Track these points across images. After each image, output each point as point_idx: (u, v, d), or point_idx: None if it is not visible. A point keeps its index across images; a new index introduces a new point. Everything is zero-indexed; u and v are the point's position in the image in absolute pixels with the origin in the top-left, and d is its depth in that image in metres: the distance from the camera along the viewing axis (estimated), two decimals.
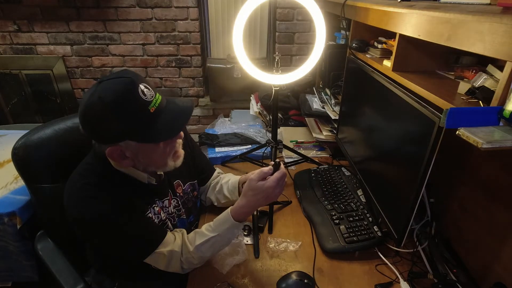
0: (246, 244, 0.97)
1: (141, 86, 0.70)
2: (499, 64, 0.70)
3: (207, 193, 1.12)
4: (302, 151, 1.43)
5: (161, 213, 0.90)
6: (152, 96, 0.71)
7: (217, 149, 1.46)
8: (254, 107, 1.86)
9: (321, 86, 1.76)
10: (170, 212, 0.94)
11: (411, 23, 0.77)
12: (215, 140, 1.50)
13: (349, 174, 1.26)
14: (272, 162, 0.85)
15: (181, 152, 0.86)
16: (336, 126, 1.45)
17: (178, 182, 0.98)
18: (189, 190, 1.03)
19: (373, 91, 1.02)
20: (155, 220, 0.88)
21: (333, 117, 1.47)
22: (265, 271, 0.90)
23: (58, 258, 1.00)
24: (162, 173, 0.91)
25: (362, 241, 0.95)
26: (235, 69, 2.27)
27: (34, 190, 0.99)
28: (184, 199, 1.00)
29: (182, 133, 0.82)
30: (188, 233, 0.92)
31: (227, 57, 2.32)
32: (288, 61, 2.36)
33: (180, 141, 0.85)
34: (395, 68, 0.93)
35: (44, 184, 0.97)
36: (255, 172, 0.82)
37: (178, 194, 0.98)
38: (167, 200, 0.94)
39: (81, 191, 0.77)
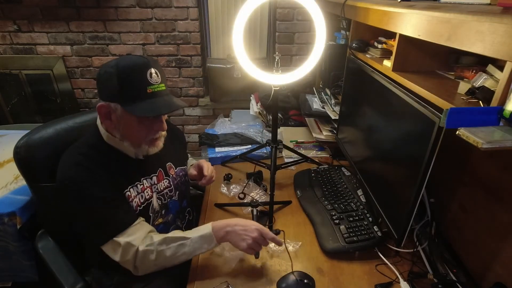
0: None
1: (152, 70, 0.82)
2: (499, 64, 0.70)
3: None
4: (302, 151, 1.43)
5: (146, 192, 0.93)
6: (156, 82, 0.83)
7: (217, 149, 1.46)
8: (254, 107, 1.86)
9: (321, 86, 1.76)
10: (159, 189, 0.98)
11: (411, 23, 0.77)
12: (215, 140, 1.50)
13: (349, 174, 1.26)
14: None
15: (159, 144, 0.93)
16: (336, 126, 1.45)
17: (170, 165, 1.04)
18: (181, 174, 1.08)
19: (373, 91, 1.02)
20: (135, 200, 0.90)
21: (333, 117, 1.47)
22: (265, 271, 0.90)
23: (59, 257, 1.00)
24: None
25: (362, 241, 0.95)
26: (235, 69, 2.27)
27: (35, 189, 1.00)
28: (177, 181, 1.05)
29: (165, 127, 0.90)
30: (182, 218, 1.03)
31: (227, 57, 2.32)
32: (288, 61, 2.36)
33: (162, 133, 0.92)
34: (395, 68, 0.93)
35: (46, 183, 0.97)
36: (267, 230, 0.87)
37: (171, 175, 1.03)
38: (155, 177, 0.97)
39: (68, 157, 0.86)
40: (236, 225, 0.86)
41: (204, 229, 0.86)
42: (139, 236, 0.84)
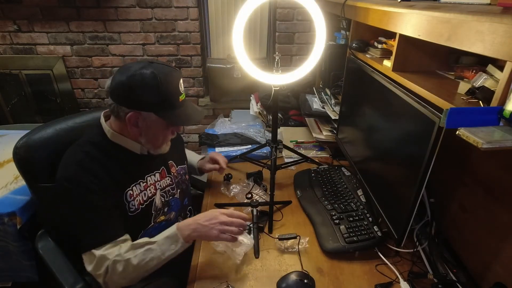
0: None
1: (181, 80, 0.89)
2: (499, 64, 0.70)
3: None
4: (302, 151, 1.43)
5: (149, 189, 0.93)
6: (183, 91, 0.90)
7: (217, 149, 1.46)
8: (254, 107, 1.86)
9: (321, 86, 1.76)
10: (162, 187, 0.99)
11: (411, 23, 0.77)
12: (215, 140, 1.50)
13: (349, 174, 1.26)
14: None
15: (169, 143, 0.97)
16: (336, 126, 1.45)
17: (172, 163, 1.07)
18: (181, 172, 1.10)
19: (373, 91, 1.02)
20: (137, 199, 0.90)
21: (333, 117, 1.47)
22: (265, 271, 0.90)
23: (59, 257, 1.00)
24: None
25: (362, 241, 0.95)
26: (235, 69, 2.27)
27: (35, 190, 0.99)
28: (178, 180, 1.06)
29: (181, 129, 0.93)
30: (184, 216, 1.04)
31: (227, 57, 2.32)
32: (288, 61, 2.36)
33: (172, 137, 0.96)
34: (395, 68, 0.93)
35: (45, 183, 0.97)
36: (230, 211, 0.87)
37: (172, 173, 1.04)
38: (159, 174, 0.98)
39: (71, 156, 0.87)
40: (199, 219, 0.84)
41: (170, 229, 0.84)
42: (114, 251, 0.80)
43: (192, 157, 1.29)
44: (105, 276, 0.79)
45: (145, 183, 0.93)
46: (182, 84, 0.89)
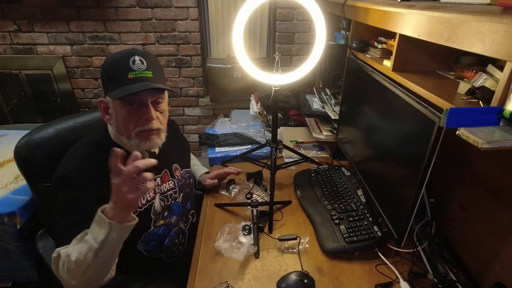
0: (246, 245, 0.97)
1: (136, 57, 0.82)
2: (499, 64, 0.69)
3: None
4: (302, 151, 1.43)
5: (147, 193, 0.92)
6: (140, 68, 0.82)
7: (217, 149, 1.46)
8: (254, 107, 1.86)
9: (321, 86, 1.76)
10: (163, 191, 0.97)
11: (411, 23, 0.77)
12: (215, 140, 1.50)
13: (349, 174, 1.26)
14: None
15: (153, 139, 0.87)
16: (336, 126, 1.44)
17: (176, 166, 1.05)
18: (186, 175, 1.09)
19: (373, 91, 1.02)
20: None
21: (333, 117, 1.47)
22: (265, 271, 0.90)
23: None
24: (155, 151, 0.97)
25: (362, 241, 0.95)
26: (235, 69, 2.27)
27: (35, 189, 1.00)
28: (182, 183, 1.05)
29: (152, 116, 0.84)
30: (185, 220, 1.02)
31: (227, 57, 2.32)
32: (288, 61, 2.36)
33: (153, 125, 0.85)
34: (395, 68, 0.93)
35: (46, 183, 0.97)
36: (124, 168, 0.69)
37: (176, 177, 1.03)
38: (159, 178, 0.97)
39: (72, 155, 0.88)
40: (112, 192, 0.70)
41: (96, 214, 0.73)
42: (69, 248, 0.74)
43: (197, 170, 1.29)
44: (60, 276, 0.74)
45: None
46: (138, 61, 0.82)
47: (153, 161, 0.70)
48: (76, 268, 0.70)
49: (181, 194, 1.04)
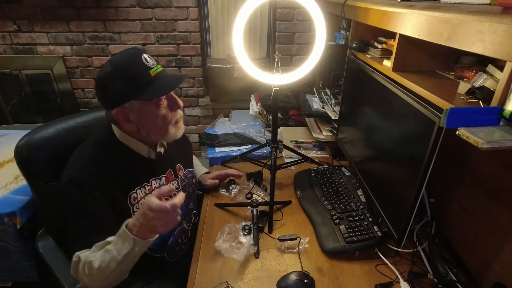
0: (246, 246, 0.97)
1: (145, 55, 0.83)
2: (499, 64, 0.70)
3: None
4: (302, 151, 1.43)
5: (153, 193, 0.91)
6: (154, 65, 0.84)
7: (217, 149, 1.46)
8: (254, 107, 1.86)
9: (321, 86, 1.76)
10: None
11: (411, 23, 0.77)
12: (215, 140, 1.50)
13: (349, 174, 1.26)
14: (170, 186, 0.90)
15: (182, 125, 0.93)
16: (336, 126, 1.45)
17: (180, 166, 1.05)
18: (189, 175, 1.09)
19: (373, 91, 1.02)
20: (141, 202, 0.88)
21: (333, 117, 1.47)
22: (265, 271, 0.90)
23: (59, 257, 1.00)
24: (161, 151, 0.96)
25: (362, 241, 0.95)
26: (235, 69, 2.27)
27: (36, 189, 1.00)
28: (185, 183, 1.06)
29: (181, 103, 0.91)
30: (188, 220, 1.03)
31: (227, 57, 2.32)
32: (288, 61, 2.36)
33: (180, 112, 0.92)
34: (395, 68, 0.93)
35: (46, 182, 0.98)
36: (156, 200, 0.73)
37: (180, 177, 1.03)
38: (165, 178, 0.97)
39: (78, 155, 0.87)
40: (146, 214, 0.72)
41: (121, 228, 0.77)
42: (88, 253, 0.77)
43: (197, 170, 1.28)
44: (80, 278, 0.78)
45: (150, 187, 0.92)
46: (148, 58, 0.83)
47: (172, 187, 0.80)
48: (98, 274, 0.75)
49: (184, 194, 1.03)
